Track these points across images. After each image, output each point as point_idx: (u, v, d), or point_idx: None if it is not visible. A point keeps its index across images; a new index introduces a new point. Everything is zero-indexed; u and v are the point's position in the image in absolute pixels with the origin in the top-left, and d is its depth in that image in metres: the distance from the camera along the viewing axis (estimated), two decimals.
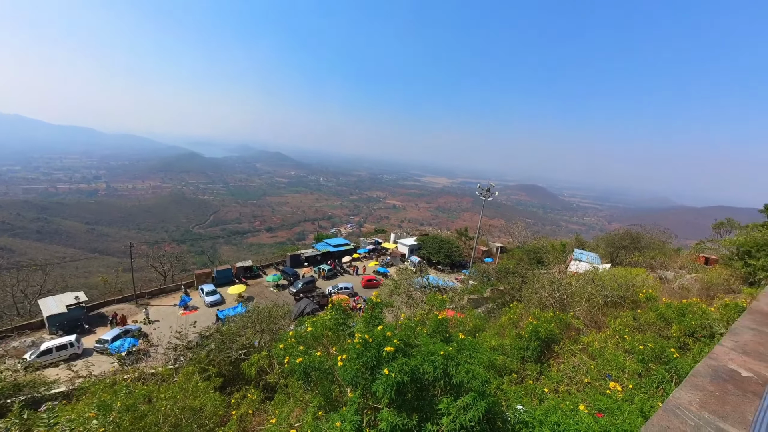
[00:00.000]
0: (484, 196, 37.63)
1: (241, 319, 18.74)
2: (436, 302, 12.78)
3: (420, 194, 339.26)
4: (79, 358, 23.54)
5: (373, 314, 6.70)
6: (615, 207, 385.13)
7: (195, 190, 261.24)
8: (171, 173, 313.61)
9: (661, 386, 7.32)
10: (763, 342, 4.23)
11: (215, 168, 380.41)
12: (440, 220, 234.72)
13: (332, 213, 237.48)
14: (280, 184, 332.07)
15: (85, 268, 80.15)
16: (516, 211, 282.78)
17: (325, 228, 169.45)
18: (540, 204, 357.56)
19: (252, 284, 39.15)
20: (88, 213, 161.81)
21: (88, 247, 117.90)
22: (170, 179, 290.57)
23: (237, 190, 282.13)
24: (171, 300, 34.23)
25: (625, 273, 18.21)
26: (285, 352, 6.80)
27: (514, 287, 24.84)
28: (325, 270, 42.83)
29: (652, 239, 33.50)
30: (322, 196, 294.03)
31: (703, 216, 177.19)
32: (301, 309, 29.23)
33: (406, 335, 6.13)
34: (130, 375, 14.10)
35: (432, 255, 48.86)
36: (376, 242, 57.41)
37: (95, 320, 29.58)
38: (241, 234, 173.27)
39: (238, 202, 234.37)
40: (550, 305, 15.52)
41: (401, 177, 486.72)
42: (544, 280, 17.37)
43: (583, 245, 40.24)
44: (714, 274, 16.62)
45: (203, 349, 16.19)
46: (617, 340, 10.10)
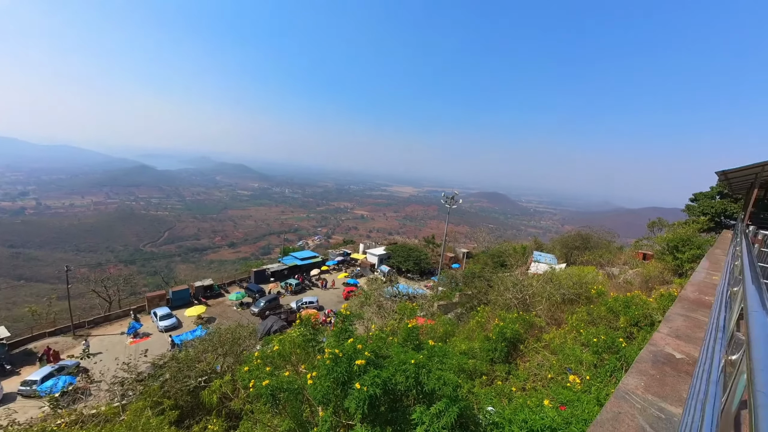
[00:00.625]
0: (448, 204, 38.97)
1: (200, 342, 17.34)
2: (406, 311, 12.84)
3: (387, 204, 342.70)
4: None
5: (344, 327, 6.56)
6: (567, 210, 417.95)
7: (146, 205, 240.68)
8: (118, 188, 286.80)
9: (614, 374, 7.94)
10: (691, 326, 4.77)
11: (170, 181, 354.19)
12: (408, 229, 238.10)
13: (299, 225, 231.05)
14: (242, 197, 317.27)
15: (8, 299, 69.76)
16: (479, 217, 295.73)
17: (291, 241, 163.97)
18: (501, 210, 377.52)
19: (213, 304, 36.58)
20: (12, 234, 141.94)
21: (11, 274, 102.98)
22: (117, 194, 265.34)
23: (195, 204, 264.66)
24: (118, 328, 30.83)
25: (579, 272, 19.71)
26: (250, 374, 6.41)
27: (480, 291, 25.73)
28: (292, 284, 41.30)
29: (600, 239, 36.74)
30: (288, 208, 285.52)
31: (639, 216, 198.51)
32: (268, 327, 27.79)
33: (378, 346, 6.07)
34: (65, 419, 12.34)
35: (401, 263, 49.24)
36: (345, 253, 56.69)
37: (20, 359, 25.67)
38: (200, 251, 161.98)
39: (196, 216, 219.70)
40: (514, 306, 16.28)
41: (368, 187, 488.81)
42: (507, 282, 18.22)
43: (542, 247, 43.00)
44: (651, 268, 18.56)
45: (156, 380, 14.68)
46: (575, 334, 10.83)
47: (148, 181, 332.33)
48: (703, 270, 8.61)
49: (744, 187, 17.35)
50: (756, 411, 0.73)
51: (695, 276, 7.96)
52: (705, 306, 5.66)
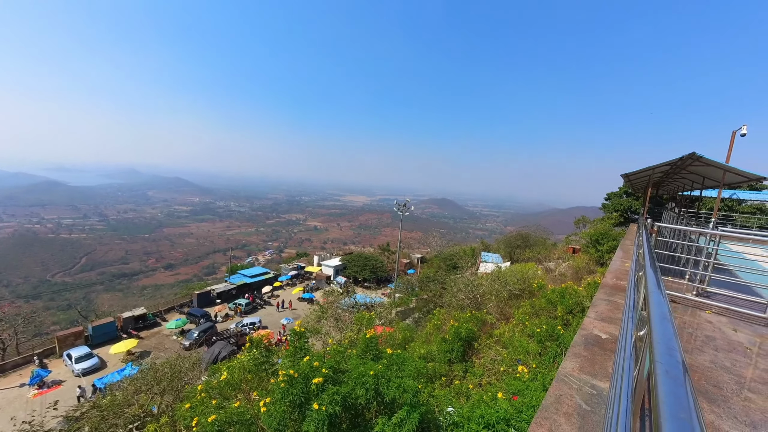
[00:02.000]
0: (401, 211, 39.93)
1: (131, 382, 15.04)
2: (364, 321, 12.70)
3: (341, 213, 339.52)
4: None
5: (299, 345, 6.24)
6: (508, 212, 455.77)
7: (55, 227, 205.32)
8: (15, 208, 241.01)
9: (556, 360, 8.72)
10: (612, 309, 5.48)
11: (87, 198, 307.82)
12: (363, 238, 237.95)
13: (247, 240, 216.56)
14: (180, 213, 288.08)
15: None
16: (431, 223, 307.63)
17: (239, 258, 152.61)
18: (450, 215, 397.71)
19: (146, 336, 32.26)
20: None
21: None
22: (13, 216, 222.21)
23: (121, 223, 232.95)
24: (16, 379, 25.38)
25: (522, 268, 21.49)
26: (193, 411, 5.75)
27: (436, 294, 26.57)
28: (242, 305, 38.35)
29: (537, 237, 40.67)
30: (234, 222, 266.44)
31: (568, 215, 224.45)
32: (215, 354, 25.25)
33: (336, 361, 5.88)
34: None
35: (358, 273, 48.84)
36: (299, 267, 54.54)
37: None
38: (129, 276, 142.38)
39: (123, 238, 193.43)
40: (468, 306, 17.11)
41: (320, 197, 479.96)
42: (460, 283, 19.12)
43: (488, 248, 46.12)
44: (579, 260, 21.03)
45: None
46: (521, 327, 11.71)
47: (58, 199, 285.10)
48: (618, 259, 10.00)
49: (642, 186, 20.70)
50: (655, 378, 0.84)
51: (612, 264, 9.21)
52: (621, 290, 6.56)
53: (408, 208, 40.27)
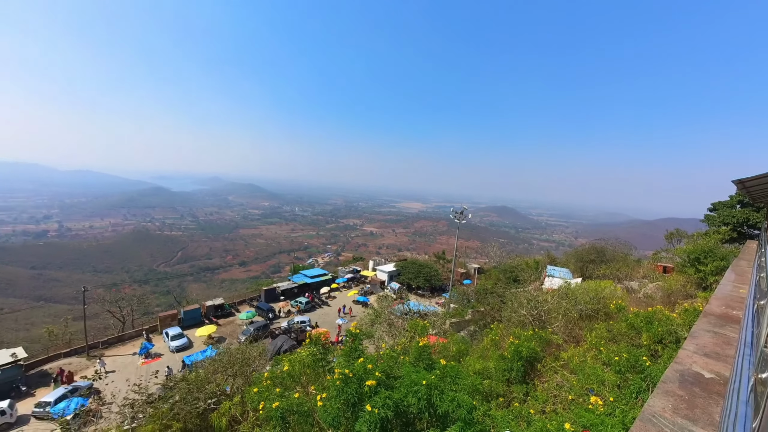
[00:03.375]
0: (458, 219, 38.72)
1: (210, 363, 17.18)
2: (417, 329, 12.55)
3: (396, 220, 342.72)
4: (13, 427, 20.27)
5: (353, 347, 6.45)
6: (579, 223, 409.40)
7: (161, 226, 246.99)
8: (134, 209, 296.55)
9: (640, 395, 7.49)
10: (719, 343, 4.52)
11: (184, 202, 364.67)
12: (418, 245, 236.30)
13: (309, 243, 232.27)
14: (253, 216, 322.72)
15: (27, 320, 71.27)
16: (489, 232, 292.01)
17: (301, 259, 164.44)
18: (511, 224, 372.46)
19: (223, 323, 36.56)
20: (35, 257, 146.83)
21: (31, 295, 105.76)
22: (133, 216, 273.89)
23: (207, 224, 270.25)
24: (130, 348, 30.99)
25: (595, 286, 19.05)
26: (260, 396, 6.32)
27: (493, 307, 25.02)
28: (302, 303, 41.07)
29: (615, 252, 35.64)
30: (298, 226, 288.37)
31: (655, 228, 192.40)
32: (278, 347, 27.46)
33: (389, 366, 5.93)
34: None
35: (411, 280, 48.58)
36: (355, 270, 56.40)
37: (35, 380, 25.90)
38: (212, 270, 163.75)
39: (209, 236, 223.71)
40: (529, 323, 15.74)
41: (376, 204, 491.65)
42: (521, 298, 17.71)
43: (555, 261, 41.90)
44: (672, 281, 17.81)
45: (166, 402, 14.53)
46: (595, 353, 10.35)
47: (163, 202, 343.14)
48: (728, 283, 8.22)
49: (764, 195, 16.75)
50: None
51: (720, 289, 7.60)
52: (733, 321, 5.37)
53: (465, 216, 38.89)
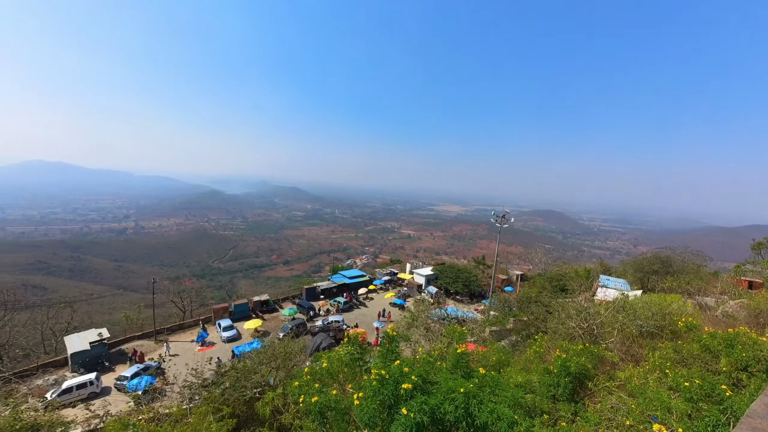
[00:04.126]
0: (499, 223, 37.06)
1: (256, 355, 18.39)
2: (455, 335, 12.22)
3: (434, 223, 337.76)
4: (98, 396, 23.47)
5: (390, 348, 6.49)
6: (638, 229, 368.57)
7: (216, 225, 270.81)
8: (194, 210, 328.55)
9: (717, 430, 6.52)
10: None
11: (235, 204, 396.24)
12: (456, 249, 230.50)
13: (347, 244, 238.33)
14: (296, 218, 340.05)
15: (110, 305, 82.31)
16: (534, 237, 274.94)
17: (340, 260, 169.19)
18: (558, 229, 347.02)
19: (268, 318, 38.88)
20: (117, 251, 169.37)
21: (114, 283, 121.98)
22: (193, 216, 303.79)
23: (255, 224, 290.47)
24: (189, 336, 34.29)
25: (659, 300, 16.98)
26: (300, 390, 6.61)
27: (538, 317, 23.49)
28: (340, 303, 42.19)
29: (685, 263, 31.43)
30: (338, 228, 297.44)
31: (737, 236, 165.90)
32: (317, 344, 28.50)
33: (425, 371, 5.87)
34: (145, 415, 13.85)
35: (449, 285, 47.46)
36: (392, 273, 56.59)
37: (115, 357, 29.80)
38: (259, 268, 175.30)
39: (257, 236, 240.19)
40: (579, 337, 14.51)
41: (414, 206, 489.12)
42: (570, 309, 16.41)
43: (609, 271, 38.16)
44: (761, 299, 15.23)
45: (218, 388, 15.84)
46: (658, 375, 9.22)
47: (218, 204, 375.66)
48: None
49: None
50: None
51: None
52: None
53: (507, 220, 37.12)
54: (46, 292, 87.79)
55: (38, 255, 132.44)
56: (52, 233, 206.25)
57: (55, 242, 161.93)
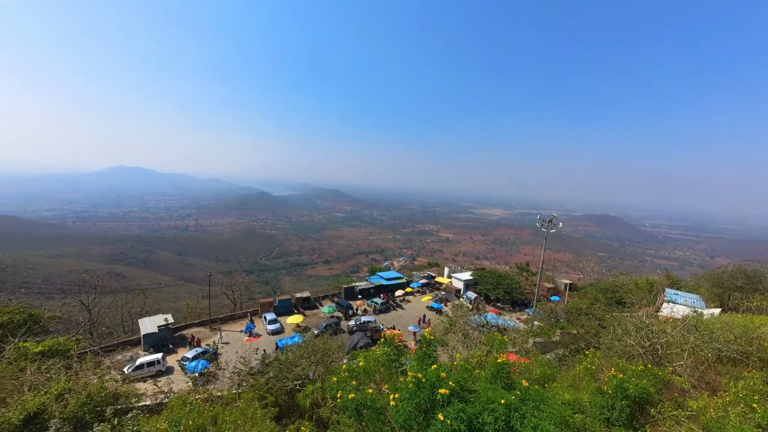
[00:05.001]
0: (546, 227, 34.75)
1: (297, 349, 19.32)
2: (495, 343, 11.71)
3: (474, 226, 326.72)
4: (163, 374, 26.36)
5: (427, 352, 6.44)
6: (716, 238, 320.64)
7: (264, 225, 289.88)
8: (245, 211, 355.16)
9: None
10: None
11: (281, 205, 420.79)
12: (498, 254, 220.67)
13: (385, 246, 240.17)
14: (336, 219, 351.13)
15: (174, 294, 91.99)
16: (585, 243, 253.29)
17: (378, 261, 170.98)
18: (615, 236, 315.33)
19: (309, 315, 40.58)
20: (180, 246, 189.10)
21: (177, 275, 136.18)
22: (244, 216, 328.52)
23: (299, 225, 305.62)
24: (238, 326, 37.06)
25: (745, 321, 14.68)
26: (338, 385, 6.82)
27: (589, 331, 21.58)
28: (377, 303, 42.61)
29: None
30: (376, 229, 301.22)
31: None
32: (354, 343, 29.09)
33: (463, 378, 5.73)
34: (201, 395, 15.25)
35: (490, 291, 45.54)
36: (430, 276, 55.84)
37: (177, 341, 33.25)
38: (301, 266, 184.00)
39: (299, 235, 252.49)
40: (639, 356, 13.05)
41: (453, 209, 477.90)
42: (628, 324, 14.83)
43: (678, 284, 33.72)
44: None
45: (263, 376, 16.91)
46: (742, 409, 7.97)
47: (266, 205, 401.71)
48: None
49: None
50: None
51: None
52: None
53: (555, 225, 34.66)
54: (126, 279, 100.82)
55: (120, 247, 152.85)
56: (131, 229, 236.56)
57: (132, 237, 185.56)
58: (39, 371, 14.37)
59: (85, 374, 15.56)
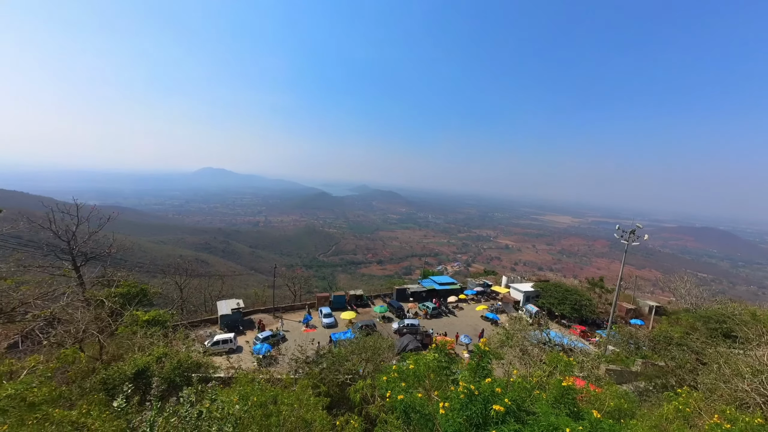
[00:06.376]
0: (627, 239, 30.29)
1: (350, 344, 20.02)
2: (560, 364, 10.59)
3: (538, 234, 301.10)
4: (234, 353, 29.70)
5: (481, 364, 6.12)
6: None
7: (323, 223, 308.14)
8: (307, 209, 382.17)
9: None
10: None
11: (339, 205, 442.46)
12: (564, 266, 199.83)
13: (439, 250, 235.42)
14: (391, 220, 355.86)
15: (245, 282, 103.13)
16: (679, 260, 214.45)
17: (431, 265, 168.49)
18: (723, 254, 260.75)
19: (361, 312, 41.77)
20: (251, 239, 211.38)
21: (248, 265, 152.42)
22: (306, 214, 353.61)
23: (355, 224, 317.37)
24: (297, 316, 39.91)
25: None
26: (387, 385, 6.87)
27: (682, 366, 18.16)
28: (429, 308, 41.92)
29: None
30: (430, 232, 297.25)
31: None
32: (404, 345, 29.03)
33: (520, 397, 5.30)
34: (264, 376, 16.80)
35: (554, 306, 41.41)
36: (485, 284, 53.05)
37: (246, 324, 37.17)
38: (356, 264, 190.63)
39: (355, 235, 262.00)
40: (757, 406, 10.54)
41: (515, 215, 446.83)
42: (740, 364, 12.11)
43: None
44: None
45: (317, 366, 17.91)
46: None
47: (325, 204, 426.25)
48: None
49: None
50: None
51: None
52: None
53: (639, 237, 30.01)
54: (208, 266, 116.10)
55: (206, 238, 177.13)
56: (214, 222, 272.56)
57: (215, 230, 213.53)
58: (145, 336, 17.42)
59: (176, 343, 18.37)
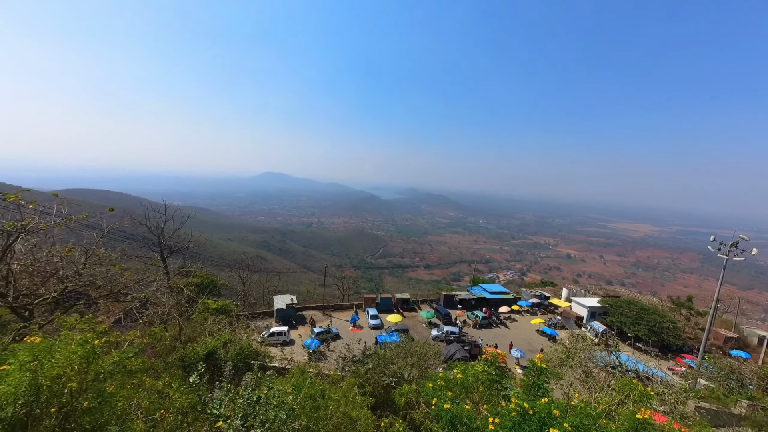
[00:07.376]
0: (725, 253, 25.42)
1: (395, 347, 20.00)
2: (633, 393, 9.26)
3: (607, 244, 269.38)
4: (287, 345, 31.73)
5: (537, 382, 5.64)
6: None
7: (372, 226, 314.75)
8: (356, 212, 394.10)
9: None
10: None
11: (388, 208, 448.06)
12: (640, 280, 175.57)
13: (490, 257, 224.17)
14: (440, 224, 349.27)
15: (298, 279, 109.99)
16: None
17: (482, 272, 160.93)
18: None
19: (407, 316, 41.57)
20: (305, 239, 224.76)
21: (301, 263, 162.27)
22: (356, 217, 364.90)
23: (403, 228, 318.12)
24: (345, 315, 41.20)
25: None
26: (433, 392, 6.72)
27: None
28: (479, 317, 40.04)
29: None
30: (481, 238, 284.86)
31: None
32: (451, 353, 28.11)
33: (582, 424, 4.75)
34: (313, 370, 17.62)
35: (626, 326, 36.49)
36: (542, 296, 48.99)
37: (298, 319, 39.50)
38: (403, 267, 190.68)
39: (403, 238, 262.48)
40: None
41: (578, 221, 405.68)
42: None
43: None
44: None
45: (363, 366, 18.21)
46: None
47: (374, 207, 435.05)
48: None
49: None
50: None
51: None
52: None
53: (743, 251, 24.99)
54: (267, 263, 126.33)
55: (265, 237, 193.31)
56: (272, 223, 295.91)
57: (273, 229, 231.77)
58: (214, 322, 19.54)
59: (239, 331, 20.27)
